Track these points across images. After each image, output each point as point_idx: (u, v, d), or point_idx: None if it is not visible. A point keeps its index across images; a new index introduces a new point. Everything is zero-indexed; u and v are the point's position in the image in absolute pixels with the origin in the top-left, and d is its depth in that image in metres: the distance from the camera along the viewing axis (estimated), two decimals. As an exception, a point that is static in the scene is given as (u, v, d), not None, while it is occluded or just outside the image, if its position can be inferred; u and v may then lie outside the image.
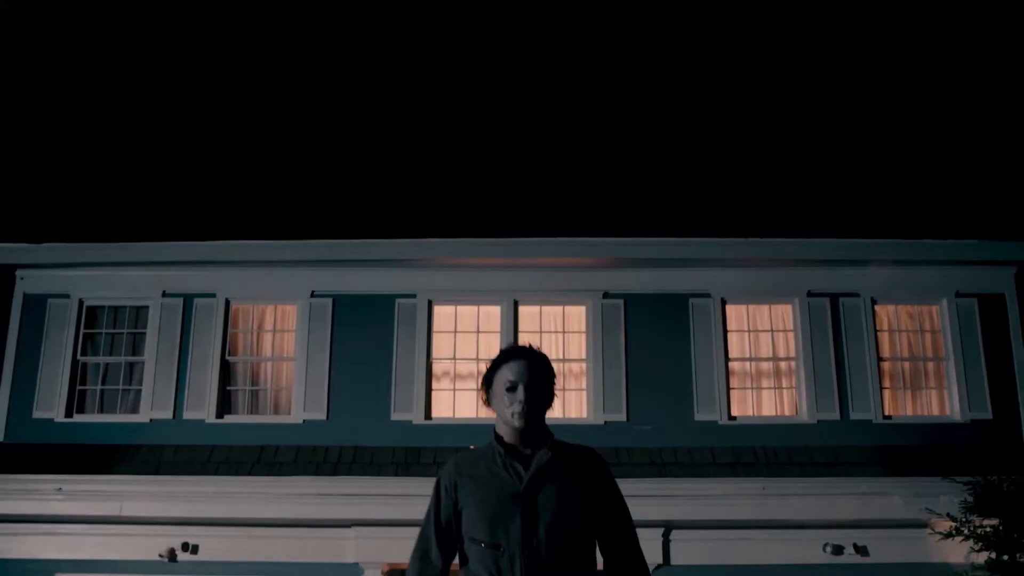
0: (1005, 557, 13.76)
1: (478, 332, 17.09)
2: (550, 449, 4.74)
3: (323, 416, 16.58)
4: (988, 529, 13.90)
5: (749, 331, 17.16)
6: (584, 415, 16.48)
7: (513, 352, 4.91)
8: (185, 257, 17.21)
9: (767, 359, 17.07)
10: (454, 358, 17.06)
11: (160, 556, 15.56)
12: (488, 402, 4.98)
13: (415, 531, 4.86)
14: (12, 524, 15.76)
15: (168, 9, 23.31)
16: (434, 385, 16.91)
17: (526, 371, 4.74)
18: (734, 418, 16.56)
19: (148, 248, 17.30)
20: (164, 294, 17.19)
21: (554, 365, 4.98)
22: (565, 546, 4.58)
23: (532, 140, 22.04)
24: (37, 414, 16.70)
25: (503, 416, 4.78)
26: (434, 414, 16.68)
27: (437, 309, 17.15)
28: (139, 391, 16.89)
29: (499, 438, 4.85)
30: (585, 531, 4.69)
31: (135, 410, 16.81)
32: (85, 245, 17.41)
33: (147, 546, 15.65)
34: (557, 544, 4.55)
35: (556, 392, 4.98)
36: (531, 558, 4.52)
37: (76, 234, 17.79)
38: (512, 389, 4.71)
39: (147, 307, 17.26)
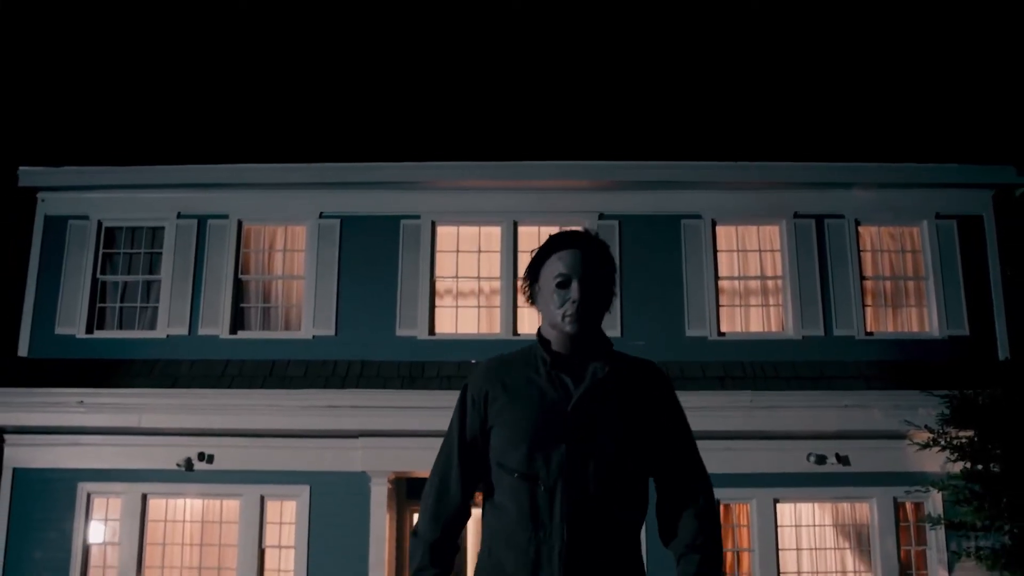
0: (979, 467, 13.83)
1: (479, 252, 17.06)
2: (607, 361, 3.73)
3: (332, 332, 16.60)
4: (963, 440, 13.96)
5: (738, 251, 17.13)
6: (580, 331, 16.43)
7: (567, 238, 3.84)
8: (199, 180, 17.16)
9: (755, 278, 17.05)
10: (456, 276, 17.04)
11: (177, 465, 15.66)
12: (532, 299, 3.94)
13: (420, 441, 4.23)
14: (36, 435, 15.87)
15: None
16: (437, 302, 16.92)
17: (581, 262, 3.72)
18: (723, 334, 16.58)
19: (164, 171, 17.28)
20: (179, 215, 17.14)
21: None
22: (618, 482, 3.62)
23: (532, 67, 21.93)
24: (59, 330, 16.73)
25: (551, 318, 3.77)
26: (437, 330, 16.70)
27: (440, 229, 17.10)
28: (156, 308, 16.91)
29: (544, 343, 3.81)
30: (643, 464, 3.73)
31: (152, 326, 16.85)
32: (103, 168, 17.39)
33: (165, 456, 15.76)
34: (609, 479, 3.59)
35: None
36: (576, 495, 3.54)
37: (95, 158, 17.74)
38: (564, 285, 3.70)
39: (163, 228, 17.21)
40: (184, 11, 23.15)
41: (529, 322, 16.41)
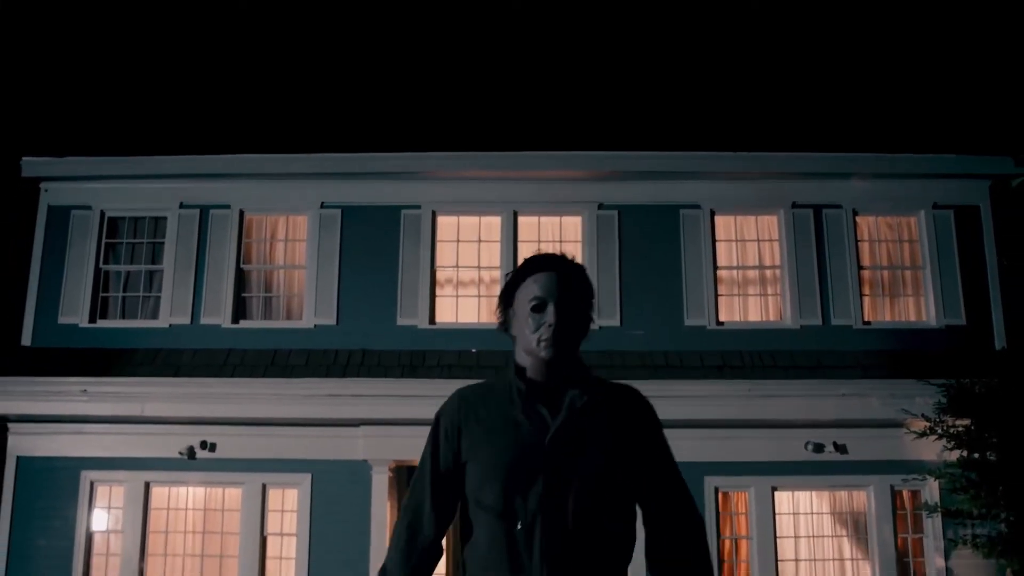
0: (976, 455, 13.83)
1: (479, 241, 17.05)
2: (585, 389, 3.54)
3: (333, 321, 16.60)
4: (960, 429, 13.96)
5: (737, 241, 17.12)
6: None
7: (541, 261, 3.66)
8: (201, 170, 17.15)
9: (753, 267, 17.03)
10: (457, 266, 17.02)
11: (180, 453, 15.66)
12: (505, 325, 3.74)
13: (420, 430, 3.87)
14: (40, 424, 15.88)
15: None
16: (438, 292, 16.90)
17: (557, 285, 3.54)
18: (722, 323, 16.56)
19: (166, 161, 17.26)
20: (182, 205, 17.12)
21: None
22: (601, 516, 3.41)
23: (533, 58, 21.91)
24: (62, 320, 16.72)
25: (525, 343, 3.57)
26: (438, 319, 16.69)
27: (440, 219, 17.08)
28: (158, 298, 16.90)
29: (520, 371, 3.62)
30: (627, 497, 3.53)
31: (155, 316, 16.83)
32: (106, 159, 17.39)
33: (167, 444, 15.75)
34: (591, 515, 3.38)
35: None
36: (556, 533, 3.34)
37: (98, 148, 17.73)
38: (539, 308, 3.52)
39: (165, 218, 17.20)
40: (186, 2, 23.12)
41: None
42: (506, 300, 3.70)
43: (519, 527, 3.35)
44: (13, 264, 17.41)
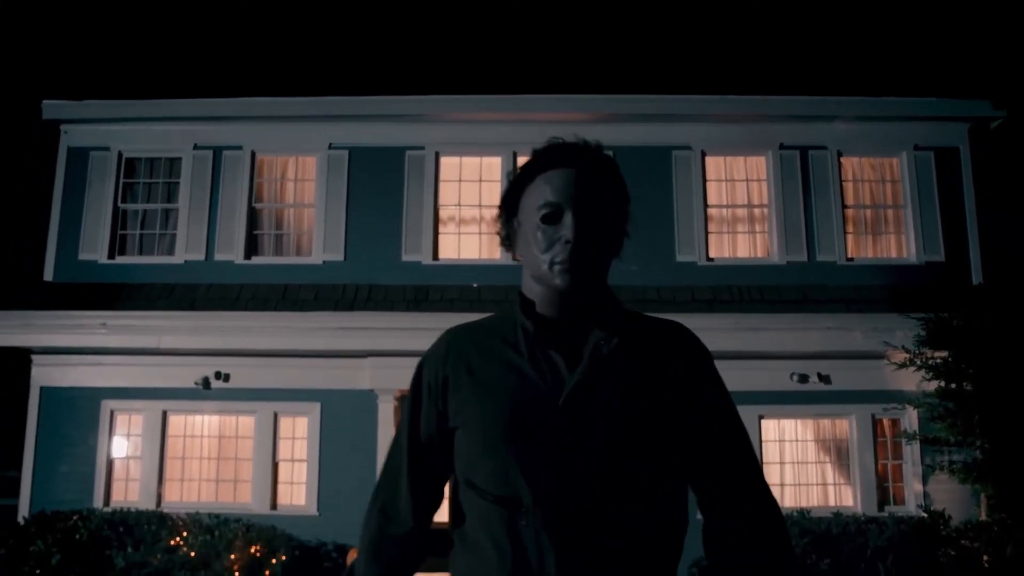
0: (953, 385, 13.80)
1: (480, 181, 16.94)
2: (615, 329, 2.45)
3: (341, 257, 16.53)
4: (938, 360, 13.93)
5: (726, 180, 17.03)
6: (576, 256, 16.39)
7: (557, 153, 2.62)
8: (215, 112, 17.08)
9: (742, 206, 16.94)
10: (459, 204, 16.93)
11: (195, 383, 15.72)
12: (507, 241, 2.70)
13: None
14: (62, 356, 15.89)
15: None
16: (441, 229, 16.82)
17: (577, 185, 2.49)
18: (712, 259, 16.49)
19: (181, 104, 17.23)
20: (195, 147, 17.04)
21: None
22: (636, 504, 2.32)
23: (532, 4, 21.73)
24: (82, 256, 16.68)
25: (534, 267, 2.51)
26: (441, 255, 16.61)
27: (443, 160, 16.99)
28: (174, 235, 16.85)
29: (527, 306, 2.56)
30: (673, 476, 2.42)
31: (171, 252, 16.77)
32: (124, 102, 17.36)
33: (184, 375, 15.81)
34: (622, 501, 2.31)
35: None
36: (574, 527, 2.28)
37: (116, 92, 17.64)
38: (552, 218, 2.46)
39: (180, 159, 17.12)
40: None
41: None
42: (509, 206, 2.67)
43: (524, 520, 2.31)
44: (35, 203, 17.34)
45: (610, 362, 2.39)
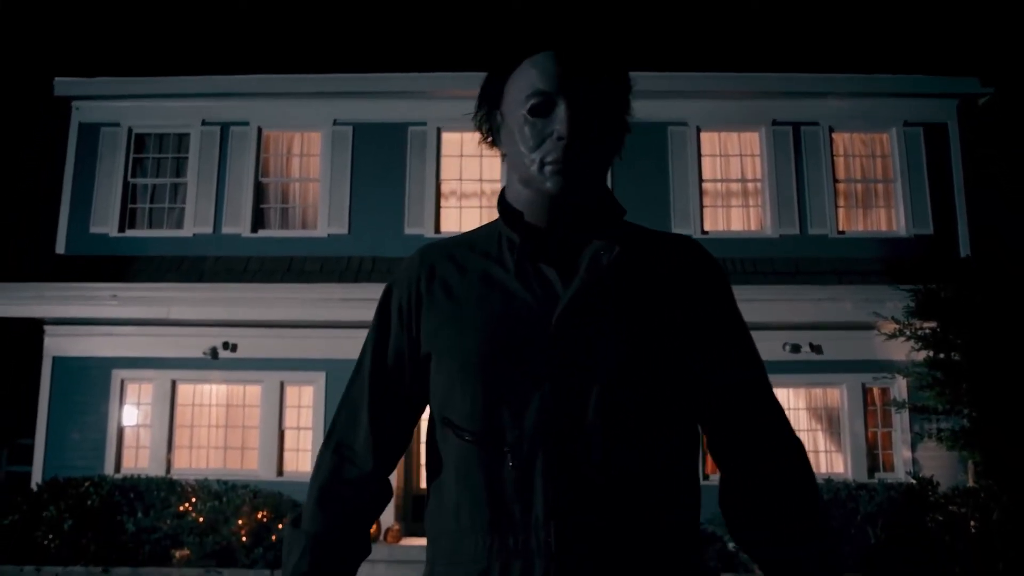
0: (941, 355, 13.85)
1: (481, 156, 16.84)
2: (616, 239, 2.00)
3: (345, 230, 16.47)
4: (927, 331, 13.95)
5: (721, 156, 16.97)
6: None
7: (543, 33, 2.05)
8: (222, 89, 17.03)
9: (736, 180, 16.87)
10: (460, 179, 16.88)
11: (204, 353, 15.70)
12: (491, 137, 2.16)
13: None
14: (73, 326, 15.85)
15: None
16: (442, 203, 16.77)
17: (570, 71, 1.96)
18: (706, 232, 16.40)
19: (190, 81, 17.19)
20: (204, 123, 16.96)
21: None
22: (642, 444, 1.87)
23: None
24: (93, 229, 16.63)
25: (521, 168, 2.01)
26: (443, 228, 16.55)
27: (445, 136, 16.92)
28: (183, 209, 16.79)
29: (512, 216, 2.07)
30: (684, 413, 1.97)
31: (179, 225, 16.73)
32: (134, 79, 17.32)
33: (192, 345, 15.77)
34: (625, 440, 1.85)
35: None
36: (570, 473, 1.83)
37: (126, 69, 17.55)
38: (541, 110, 1.95)
39: (189, 134, 17.07)
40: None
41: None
42: (490, 96, 2.13)
43: (510, 463, 1.86)
44: (47, 178, 17.27)
45: (612, 275, 1.95)
